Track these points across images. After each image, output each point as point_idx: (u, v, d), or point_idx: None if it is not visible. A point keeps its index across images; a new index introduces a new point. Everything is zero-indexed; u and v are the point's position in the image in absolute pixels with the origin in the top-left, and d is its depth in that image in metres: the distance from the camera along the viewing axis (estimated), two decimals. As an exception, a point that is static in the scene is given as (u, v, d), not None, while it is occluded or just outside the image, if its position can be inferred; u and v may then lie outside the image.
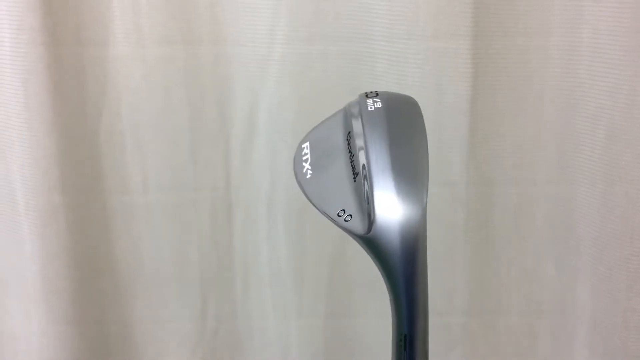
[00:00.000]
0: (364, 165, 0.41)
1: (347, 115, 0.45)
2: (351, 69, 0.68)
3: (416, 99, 0.46)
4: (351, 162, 0.43)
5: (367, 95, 0.45)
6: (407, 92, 0.72)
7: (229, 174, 0.73)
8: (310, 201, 0.42)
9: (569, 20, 0.65)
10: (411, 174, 0.40)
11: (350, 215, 0.41)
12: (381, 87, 0.68)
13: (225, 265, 0.75)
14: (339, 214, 0.41)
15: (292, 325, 0.77)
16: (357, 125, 0.43)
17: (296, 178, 0.44)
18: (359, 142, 0.42)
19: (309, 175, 0.43)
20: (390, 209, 0.39)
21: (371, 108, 0.44)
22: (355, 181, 0.42)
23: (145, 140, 0.71)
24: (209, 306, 0.76)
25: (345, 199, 0.41)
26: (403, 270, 0.40)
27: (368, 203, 0.40)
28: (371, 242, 0.40)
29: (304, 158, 0.44)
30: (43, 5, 0.65)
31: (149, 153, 0.72)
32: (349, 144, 0.44)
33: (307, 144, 0.45)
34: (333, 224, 0.74)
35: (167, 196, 0.73)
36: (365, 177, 0.41)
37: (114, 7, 0.67)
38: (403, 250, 0.39)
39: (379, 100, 0.44)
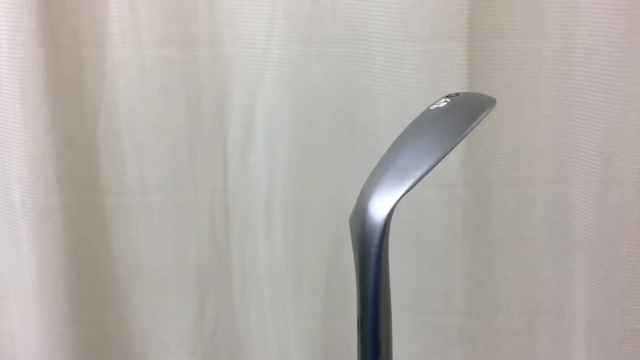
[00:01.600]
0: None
1: None
2: (348, 71, 0.68)
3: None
4: None
5: (448, 95, 0.45)
6: (403, 93, 0.72)
7: (226, 175, 0.73)
8: None
9: (564, 21, 0.65)
10: (403, 170, 0.41)
11: None
12: (377, 89, 0.69)
13: (224, 265, 0.75)
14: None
15: (290, 325, 0.77)
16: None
17: None
18: None
19: None
20: (366, 197, 0.40)
21: (433, 107, 0.44)
22: None
23: (142, 141, 0.71)
24: (207, 307, 0.76)
25: None
26: (366, 255, 0.41)
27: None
28: (350, 224, 0.41)
29: None
30: (40, 7, 0.65)
31: (146, 154, 0.72)
32: None
33: None
34: (331, 225, 0.74)
35: (165, 197, 0.73)
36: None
37: (111, 8, 0.67)
38: (362, 236, 0.40)
39: (448, 100, 0.45)
